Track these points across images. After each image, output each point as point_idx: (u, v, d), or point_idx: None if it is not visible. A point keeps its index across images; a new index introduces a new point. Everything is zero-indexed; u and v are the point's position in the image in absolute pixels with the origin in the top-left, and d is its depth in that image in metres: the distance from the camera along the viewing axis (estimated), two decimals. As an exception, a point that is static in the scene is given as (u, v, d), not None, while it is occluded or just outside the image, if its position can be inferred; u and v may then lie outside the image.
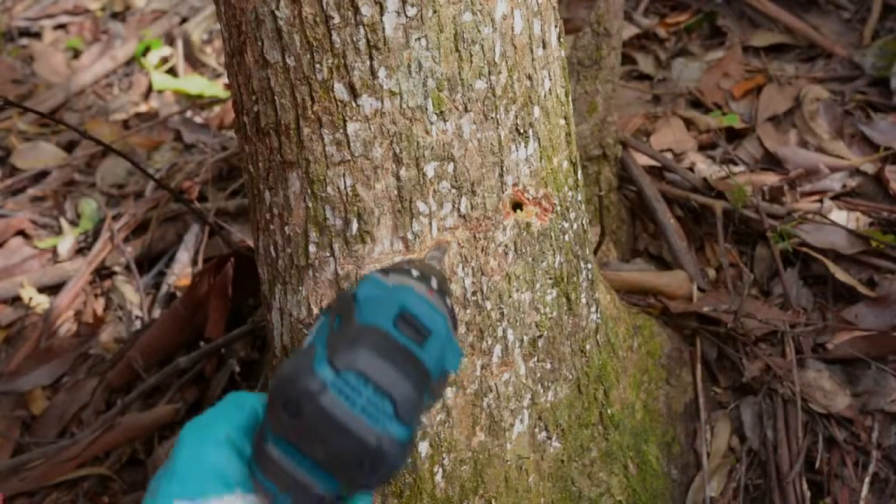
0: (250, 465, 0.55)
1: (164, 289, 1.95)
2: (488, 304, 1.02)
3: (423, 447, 1.05)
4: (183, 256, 1.99)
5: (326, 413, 0.50)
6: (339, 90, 0.90)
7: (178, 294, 1.91)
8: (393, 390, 0.52)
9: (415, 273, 0.66)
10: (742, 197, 1.61)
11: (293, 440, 0.52)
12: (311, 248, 0.98)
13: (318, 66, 0.89)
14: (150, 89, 2.82)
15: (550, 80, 1.02)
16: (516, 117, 0.97)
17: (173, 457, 0.55)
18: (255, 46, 0.92)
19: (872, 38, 2.12)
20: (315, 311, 1.00)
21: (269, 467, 0.53)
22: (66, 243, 2.18)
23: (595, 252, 1.45)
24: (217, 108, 2.63)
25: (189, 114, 2.63)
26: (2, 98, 1.30)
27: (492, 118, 0.95)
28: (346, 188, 0.94)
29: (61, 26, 3.24)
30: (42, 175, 2.47)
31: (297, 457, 0.52)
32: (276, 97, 0.93)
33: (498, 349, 1.05)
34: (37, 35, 3.22)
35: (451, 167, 0.94)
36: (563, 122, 1.06)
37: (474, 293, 1.00)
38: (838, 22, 2.21)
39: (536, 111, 1.00)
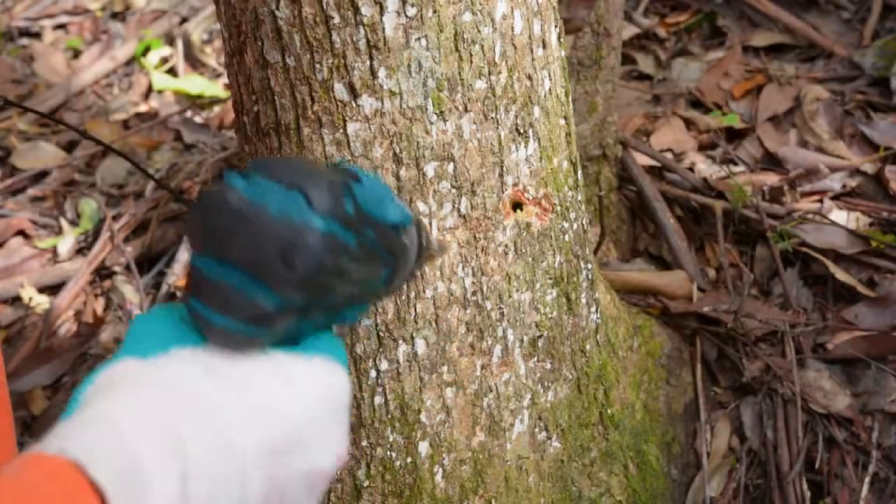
0: (187, 300, 0.53)
1: (164, 289, 1.95)
2: (488, 304, 1.02)
3: (423, 447, 1.05)
4: (183, 256, 1.99)
5: (241, 213, 0.51)
6: (339, 90, 0.90)
7: (178, 294, 1.91)
8: (304, 185, 0.52)
9: None
10: (742, 197, 1.61)
11: (217, 253, 0.52)
12: (311, 248, 0.98)
13: (318, 66, 0.89)
14: (150, 89, 2.82)
15: (550, 80, 1.02)
16: (516, 117, 0.97)
17: (124, 338, 0.55)
18: (255, 46, 0.92)
19: (872, 38, 2.12)
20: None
21: (201, 288, 0.52)
22: (66, 243, 2.17)
23: (595, 252, 1.45)
24: (217, 108, 2.63)
25: (189, 114, 2.63)
26: (2, 98, 1.30)
27: (492, 118, 0.95)
28: (346, 188, 0.94)
29: (61, 26, 3.23)
30: (42, 175, 2.47)
31: (226, 269, 0.51)
32: (276, 97, 0.93)
33: (498, 349, 1.04)
34: (37, 35, 3.22)
35: (451, 167, 0.94)
36: (563, 122, 1.06)
37: (474, 293, 1.00)
38: (838, 22, 2.21)
39: (536, 111, 1.00)
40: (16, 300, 2.05)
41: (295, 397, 0.53)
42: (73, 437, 0.45)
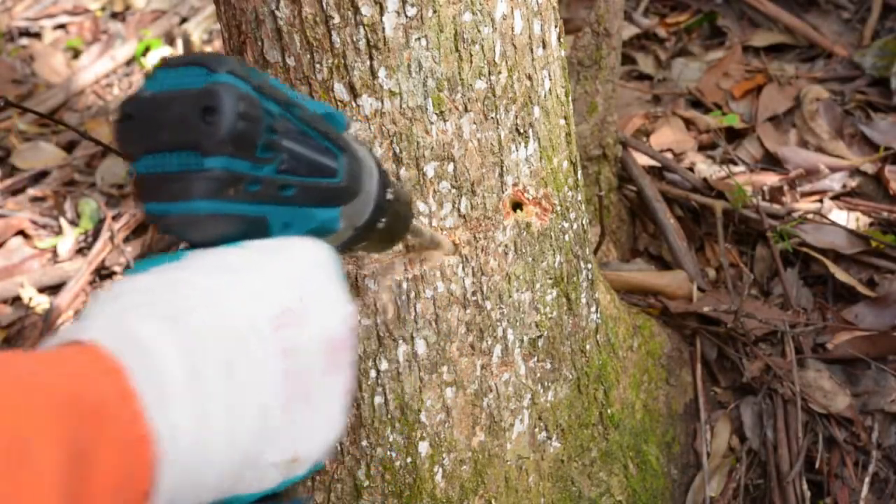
0: (143, 210, 0.54)
1: (164, 289, 1.95)
2: (488, 304, 1.02)
3: (423, 447, 1.05)
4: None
5: (151, 101, 0.52)
6: (339, 90, 0.90)
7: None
8: (203, 60, 0.53)
9: None
10: (742, 197, 1.61)
11: (147, 147, 0.52)
12: (311, 248, 0.98)
13: (318, 66, 0.89)
14: (150, 89, 2.82)
15: (550, 80, 1.02)
16: (516, 117, 0.97)
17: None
18: (255, 46, 0.92)
19: (872, 38, 2.12)
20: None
21: (149, 188, 0.52)
22: (66, 243, 2.17)
23: (595, 252, 1.45)
24: (217, 108, 2.63)
25: (189, 114, 2.62)
26: (2, 98, 1.30)
27: (492, 118, 0.95)
28: (346, 188, 0.94)
29: (61, 26, 3.23)
30: (42, 175, 2.47)
31: (162, 158, 0.51)
32: (276, 97, 0.93)
33: (498, 349, 1.04)
34: (37, 35, 3.22)
35: (451, 167, 0.94)
36: (563, 122, 1.06)
37: (474, 293, 1.00)
38: (838, 22, 2.21)
39: (536, 111, 1.00)
40: (16, 300, 2.05)
41: (280, 266, 0.52)
42: (80, 328, 0.46)
